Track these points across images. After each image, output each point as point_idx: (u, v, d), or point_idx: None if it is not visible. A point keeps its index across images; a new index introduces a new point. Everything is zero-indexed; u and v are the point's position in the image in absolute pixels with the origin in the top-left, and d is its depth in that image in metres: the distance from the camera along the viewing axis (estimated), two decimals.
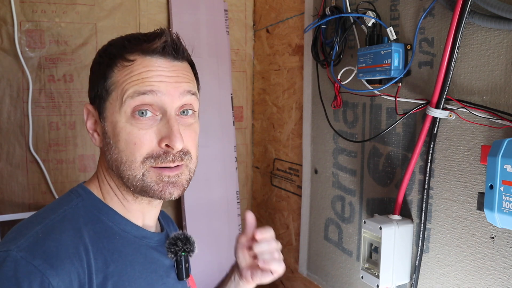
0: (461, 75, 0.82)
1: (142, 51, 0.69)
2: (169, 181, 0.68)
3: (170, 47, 0.70)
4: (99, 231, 0.67)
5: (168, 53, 0.70)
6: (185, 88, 0.70)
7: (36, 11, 1.41)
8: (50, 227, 0.63)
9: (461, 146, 0.82)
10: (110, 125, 0.69)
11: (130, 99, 0.66)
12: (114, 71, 0.69)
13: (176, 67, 0.71)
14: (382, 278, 0.90)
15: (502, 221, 0.67)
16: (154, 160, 0.67)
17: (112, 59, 0.69)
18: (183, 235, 0.78)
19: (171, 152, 0.67)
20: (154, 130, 0.67)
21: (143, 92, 0.66)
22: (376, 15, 0.99)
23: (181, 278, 0.77)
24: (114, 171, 0.70)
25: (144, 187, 0.68)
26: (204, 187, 1.60)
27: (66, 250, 0.60)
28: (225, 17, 1.68)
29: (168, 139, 0.66)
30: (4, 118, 1.40)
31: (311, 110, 1.31)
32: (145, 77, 0.67)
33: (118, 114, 0.68)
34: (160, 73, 0.68)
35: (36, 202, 1.44)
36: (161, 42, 0.69)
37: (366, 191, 1.08)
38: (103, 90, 0.70)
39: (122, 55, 0.69)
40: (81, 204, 0.69)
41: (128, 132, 0.67)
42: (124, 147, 0.67)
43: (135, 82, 0.67)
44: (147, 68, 0.68)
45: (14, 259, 0.57)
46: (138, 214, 0.74)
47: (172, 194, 0.69)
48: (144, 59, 0.68)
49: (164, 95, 0.67)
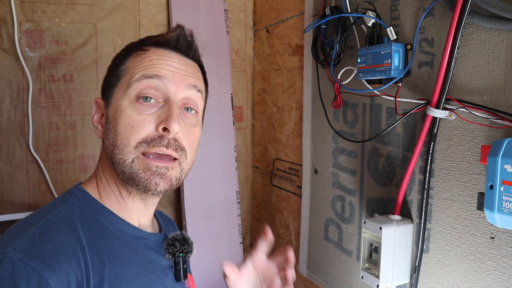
0: (461, 75, 0.82)
1: (157, 42, 0.73)
2: (157, 172, 0.68)
3: (183, 41, 0.74)
4: (95, 231, 0.67)
5: (180, 48, 0.73)
6: (191, 82, 0.72)
7: (36, 11, 1.41)
8: (46, 228, 0.63)
9: (461, 146, 0.82)
10: (113, 109, 0.70)
11: (136, 82, 0.69)
12: (128, 59, 0.73)
13: (186, 62, 0.74)
14: (382, 278, 0.90)
15: (502, 221, 0.67)
16: (147, 145, 0.67)
17: (129, 50, 0.74)
18: (181, 236, 0.78)
19: (166, 137, 0.67)
20: (154, 115, 0.68)
21: (150, 75, 0.69)
22: (376, 15, 0.99)
23: (179, 279, 0.77)
24: (109, 159, 0.70)
25: (131, 174, 0.67)
26: (204, 187, 1.60)
27: (63, 250, 0.60)
28: (225, 17, 1.68)
29: (166, 121, 0.67)
30: (4, 118, 1.40)
31: (311, 110, 1.31)
32: (155, 64, 0.70)
33: (122, 97, 0.69)
34: (170, 63, 0.71)
35: (36, 202, 1.44)
36: (175, 34, 0.73)
37: (366, 191, 1.08)
38: (114, 76, 0.73)
39: (139, 46, 0.73)
40: (76, 205, 0.69)
41: (128, 116, 0.68)
42: (121, 130, 0.68)
43: (145, 67, 0.70)
44: (158, 56, 0.71)
45: (11, 261, 0.56)
46: (133, 214, 0.74)
47: (158, 185, 0.68)
48: (157, 49, 0.72)
49: (169, 82, 0.69)
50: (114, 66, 0.74)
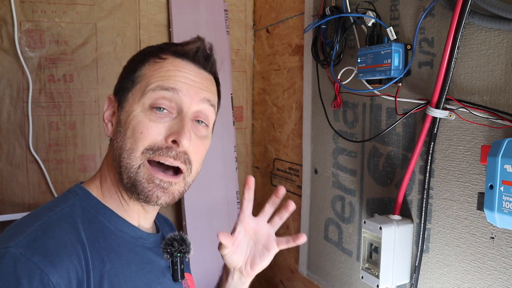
0: (461, 75, 0.82)
1: (175, 52, 0.73)
2: (160, 185, 0.68)
3: (201, 53, 0.74)
4: (96, 230, 0.67)
5: (198, 60, 0.74)
6: (205, 96, 0.72)
7: (36, 11, 1.41)
8: (48, 225, 0.63)
9: (461, 146, 0.82)
10: (125, 114, 0.70)
11: (151, 92, 0.69)
12: (145, 65, 0.72)
13: (202, 75, 0.74)
14: (382, 278, 0.90)
15: (502, 221, 0.67)
16: (153, 152, 0.67)
17: (146, 56, 0.74)
18: (179, 236, 0.78)
19: (174, 149, 0.68)
20: (165, 125, 0.68)
21: (166, 88, 0.69)
22: (376, 15, 0.99)
23: (176, 279, 0.77)
24: (115, 162, 0.70)
25: (135, 181, 0.68)
26: (204, 187, 1.60)
27: (64, 247, 0.60)
28: (225, 17, 1.68)
29: (177, 134, 0.67)
30: (4, 118, 1.40)
31: (311, 110, 1.31)
32: (172, 75, 0.70)
33: (136, 104, 0.70)
34: (186, 75, 0.71)
35: (36, 202, 1.44)
36: (195, 46, 0.73)
37: (366, 191, 1.08)
38: (129, 81, 0.72)
39: (156, 53, 0.73)
40: (78, 203, 0.69)
41: (139, 121, 0.68)
42: (131, 134, 0.68)
43: (161, 78, 0.70)
44: (175, 67, 0.71)
45: (14, 256, 0.56)
46: (134, 215, 0.74)
47: (159, 198, 0.68)
48: (175, 59, 0.72)
49: (184, 95, 0.70)
50: (129, 70, 0.74)
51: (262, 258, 0.81)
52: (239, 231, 0.81)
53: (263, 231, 0.83)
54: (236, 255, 0.80)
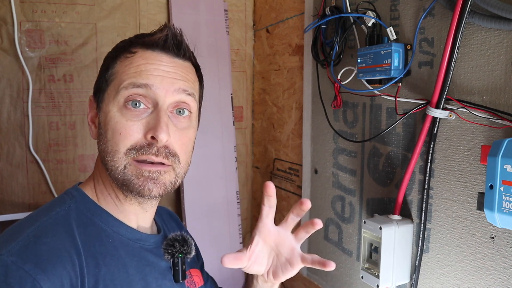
0: (461, 75, 0.82)
1: (144, 44, 0.70)
2: (150, 177, 0.67)
3: (171, 41, 0.70)
4: (92, 234, 0.66)
5: (169, 48, 0.70)
6: (180, 86, 0.70)
7: (36, 11, 1.41)
8: (42, 230, 0.62)
9: (461, 146, 0.82)
10: (103, 115, 0.69)
11: (124, 90, 0.67)
12: (117, 62, 0.70)
13: (176, 64, 0.71)
14: (382, 278, 0.90)
15: (502, 221, 0.67)
16: (136, 152, 0.66)
17: (118, 51, 0.71)
18: (180, 237, 0.77)
19: (155, 145, 0.66)
20: (142, 122, 0.67)
21: (138, 85, 0.67)
22: (376, 15, 0.99)
23: (177, 280, 0.76)
24: (103, 163, 0.69)
25: (125, 180, 0.67)
26: (204, 187, 1.59)
27: (58, 254, 0.60)
28: (225, 17, 1.68)
29: (154, 130, 0.66)
30: (4, 118, 1.40)
31: (311, 110, 1.31)
32: (143, 70, 0.68)
33: (112, 103, 0.68)
34: (158, 67, 0.69)
35: (36, 202, 1.44)
36: (163, 35, 0.70)
37: (366, 191, 1.08)
38: (104, 80, 0.71)
39: (127, 48, 0.71)
40: (74, 206, 0.68)
41: (116, 122, 0.67)
42: (111, 137, 0.67)
43: (133, 74, 0.68)
44: (146, 60, 0.69)
45: (5, 264, 0.56)
46: (131, 216, 0.73)
47: (151, 191, 0.67)
48: (145, 52, 0.70)
49: (158, 89, 0.68)
50: (104, 69, 0.72)
51: (285, 272, 0.74)
52: (257, 242, 0.73)
53: (285, 243, 0.74)
54: (255, 266, 0.74)
